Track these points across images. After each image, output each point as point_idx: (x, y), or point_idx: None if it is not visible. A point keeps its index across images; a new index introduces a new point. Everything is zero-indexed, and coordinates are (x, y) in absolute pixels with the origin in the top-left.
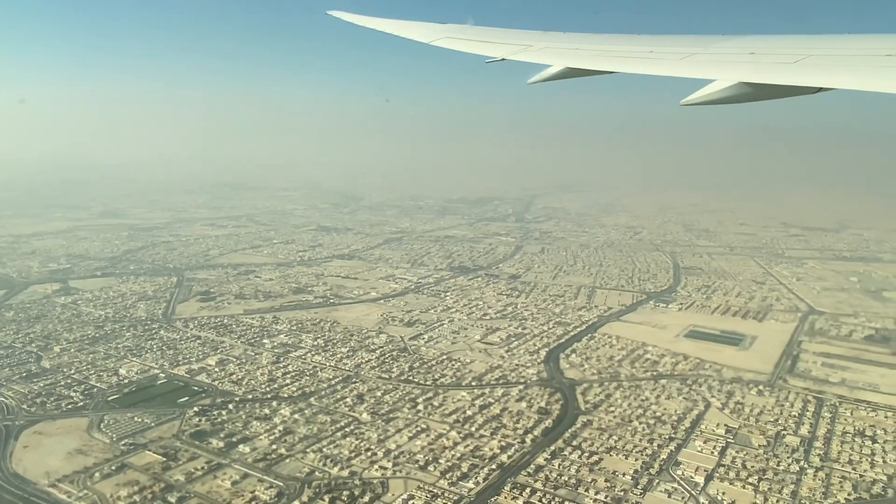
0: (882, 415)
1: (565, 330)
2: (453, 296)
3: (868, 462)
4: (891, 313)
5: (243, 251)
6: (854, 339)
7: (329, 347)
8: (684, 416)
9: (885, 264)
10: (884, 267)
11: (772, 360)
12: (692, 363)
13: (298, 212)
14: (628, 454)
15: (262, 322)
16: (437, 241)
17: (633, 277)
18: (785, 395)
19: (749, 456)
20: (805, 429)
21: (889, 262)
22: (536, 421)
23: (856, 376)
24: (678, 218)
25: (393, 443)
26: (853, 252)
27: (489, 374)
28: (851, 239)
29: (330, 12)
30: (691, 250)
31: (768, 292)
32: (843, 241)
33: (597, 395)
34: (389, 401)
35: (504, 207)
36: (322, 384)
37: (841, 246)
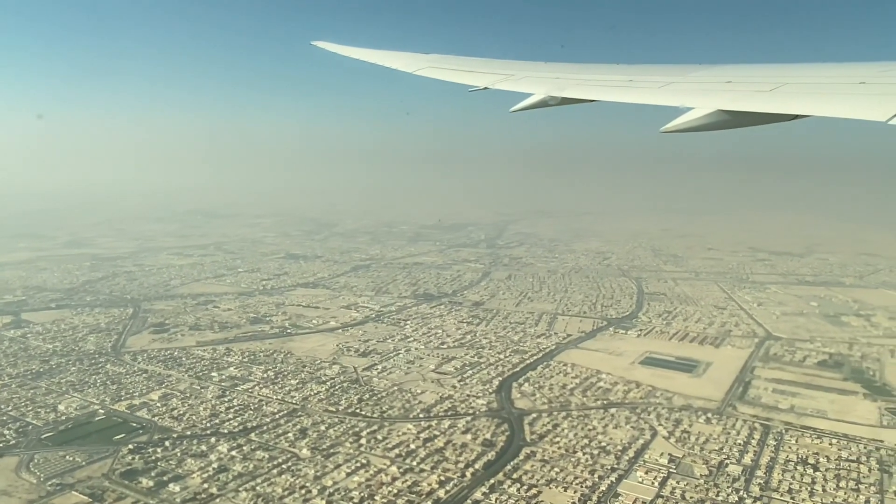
0: (826, 442)
1: (521, 358)
2: (413, 324)
3: (808, 491)
4: (846, 338)
5: (206, 281)
6: (807, 365)
7: (279, 380)
8: (629, 445)
9: (846, 288)
10: (845, 291)
11: (723, 386)
12: (644, 391)
13: (269, 239)
14: (568, 486)
15: (214, 354)
16: (405, 268)
17: (596, 303)
18: (732, 422)
19: (690, 486)
20: (749, 457)
21: (851, 286)
22: (480, 454)
23: (805, 402)
24: (648, 243)
25: (330, 479)
26: (816, 276)
27: (438, 406)
28: (816, 263)
29: (315, 43)
30: (657, 276)
31: (728, 318)
32: (808, 265)
33: (544, 425)
34: (333, 435)
35: (477, 233)
36: (266, 418)
37: (805, 270)
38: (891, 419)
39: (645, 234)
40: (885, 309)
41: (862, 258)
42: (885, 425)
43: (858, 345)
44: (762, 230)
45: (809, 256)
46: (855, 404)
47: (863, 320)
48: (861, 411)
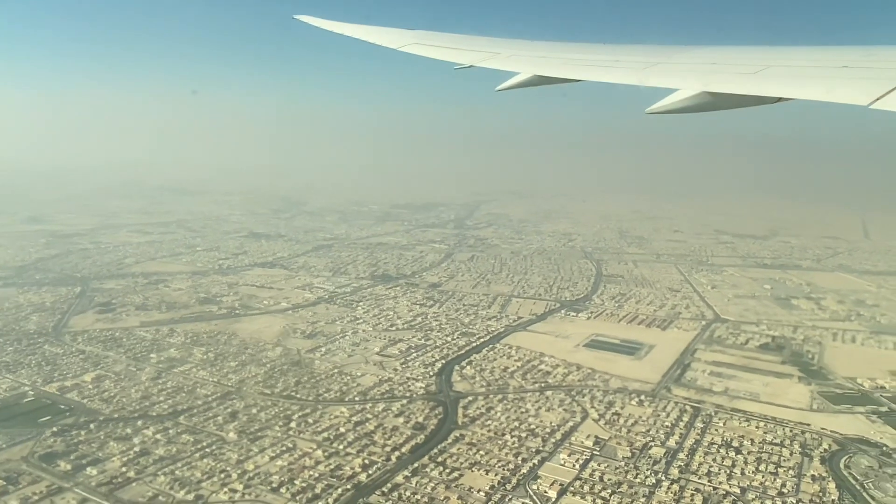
0: (754, 425)
1: (469, 341)
2: (365, 306)
3: (726, 474)
4: (793, 321)
5: (161, 259)
6: (748, 348)
7: (218, 362)
8: (558, 428)
9: (802, 271)
10: (801, 274)
11: (662, 369)
12: (584, 373)
13: (234, 217)
14: (490, 469)
15: (156, 335)
16: (367, 249)
17: (552, 286)
18: (664, 405)
19: (610, 468)
20: (674, 440)
21: (807, 269)
22: (409, 437)
23: (740, 385)
24: (616, 225)
25: (252, 463)
26: (775, 259)
27: (376, 389)
28: (778, 246)
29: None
30: (619, 258)
31: (680, 300)
32: (769, 248)
33: (478, 408)
34: (263, 418)
35: (447, 213)
36: (197, 401)
37: (765, 253)
38: (821, 403)
39: (615, 215)
40: (836, 292)
41: (824, 241)
42: (815, 409)
43: (803, 328)
44: (731, 213)
45: (772, 239)
46: (788, 388)
47: (812, 303)
48: (793, 395)
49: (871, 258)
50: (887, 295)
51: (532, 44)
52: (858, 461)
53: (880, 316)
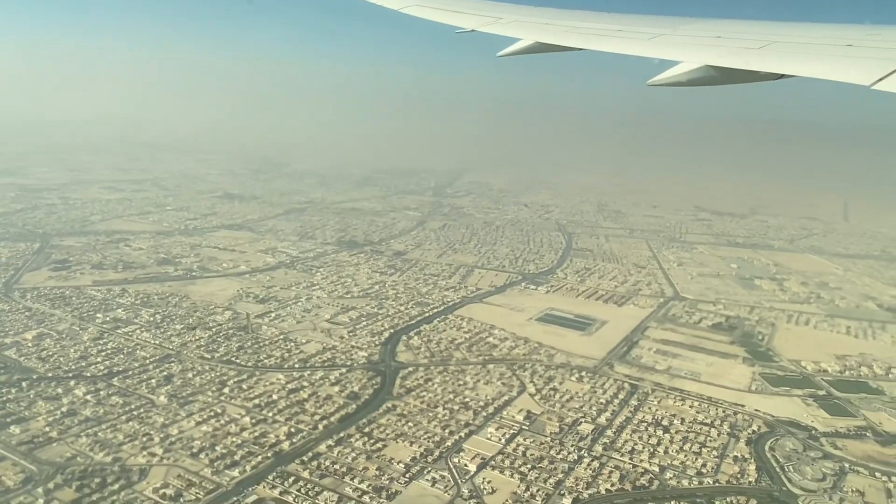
0: (688, 404)
1: (422, 311)
2: (325, 272)
3: (650, 452)
4: (752, 301)
5: (128, 217)
6: (700, 327)
7: (164, 324)
8: (493, 401)
9: (773, 251)
10: (771, 254)
11: (609, 346)
12: (530, 348)
13: (211, 177)
14: (415, 441)
15: (107, 295)
16: (340, 213)
17: (518, 258)
18: (603, 381)
19: (535, 444)
20: (605, 417)
21: (778, 249)
22: (340, 406)
23: (683, 364)
24: (597, 198)
25: (177, 428)
26: (748, 238)
27: (318, 356)
28: (754, 225)
29: None
30: (592, 231)
31: (643, 277)
32: (745, 227)
33: (417, 379)
34: (197, 383)
35: (428, 181)
36: (135, 363)
37: (740, 232)
38: (760, 385)
39: (598, 188)
40: (801, 274)
41: (802, 222)
42: (753, 390)
43: (760, 309)
44: (716, 190)
45: (750, 218)
46: (731, 368)
47: (775, 284)
48: (734, 375)
49: (845, 241)
50: (852, 278)
51: (535, 10)
52: (784, 444)
53: (840, 299)
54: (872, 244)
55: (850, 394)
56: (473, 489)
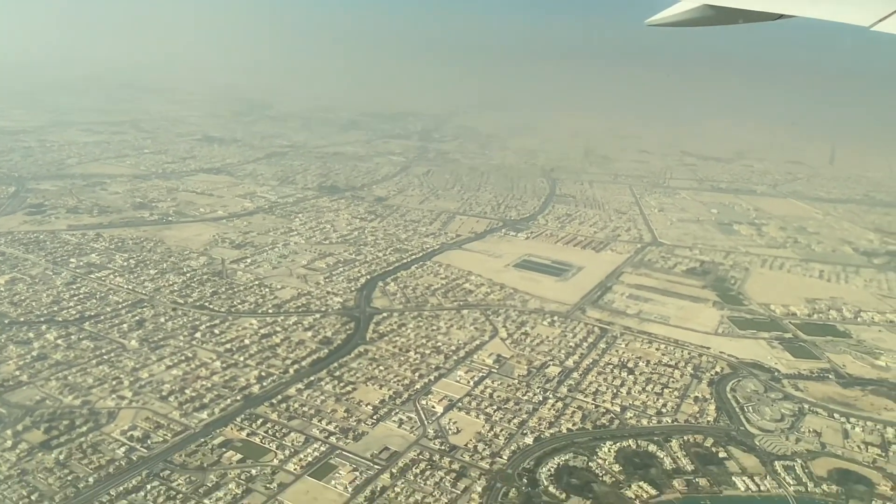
0: (655, 347)
1: (400, 257)
2: (304, 217)
3: (612, 393)
4: (729, 246)
5: (105, 160)
6: (674, 272)
7: (137, 269)
8: (464, 346)
9: (755, 196)
10: (753, 199)
11: (583, 291)
12: (505, 293)
13: (191, 119)
14: (384, 384)
15: (82, 239)
16: (322, 158)
17: (500, 204)
18: (574, 326)
19: (502, 386)
20: (573, 360)
21: (761, 194)
22: (312, 351)
23: (654, 308)
24: (585, 142)
25: (147, 372)
26: (732, 183)
27: (293, 302)
28: (739, 170)
29: None
30: (577, 177)
31: (624, 223)
32: (730, 171)
33: (390, 325)
34: (170, 328)
35: (415, 124)
36: (107, 308)
37: (725, 177)
38: (727, 327)
39: (587, 132)
40: (781, 219)
41: (787, 166)
42: (720, 333)
43: (736, 254)
44: (705, 134)
45: (736, 163)
46: (700, 312)
47: (754, 229)
48: (703, 319)
49: (828, 185)
50: (831, 223)
51: None
52: (745, 385)
53: (816, 244)
54: (855, 188)
55: (817, 337)
56: (439, 429)
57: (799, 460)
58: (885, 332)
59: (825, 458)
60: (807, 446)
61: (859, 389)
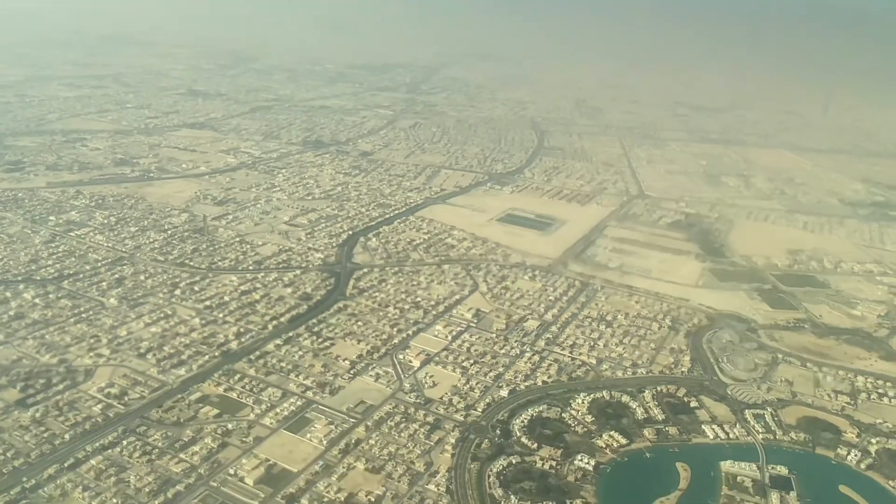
0: (634, 300)
1: (383, 212)
2: (287, 173)
3: (589, 346)
4: (715, 198)
5: (86, 116)
6: (659, 225)
7: (118, 226)
8: (444, 300)
9: (745, 147)
10: (742, 150)
11: (566, 245)
12: (488, 248)
13: (175, 72)
14: (363, 339)
15: (61, 197)
16: (308, 112)
17: (487, 158)
18: (555, 280)
19: (480, 340)
20: (552, 313)
21: (751, 145)
22: (292, 307)
23: (636, 261)
24: (576, 93)
25: (125, 329)
26: (723, 134)
27: (273, 258)
28: (731, 120)
29: None
30: (566, 129)
31: (611, 175)
32: (722, 121)
33: (371, 280)
34: (149, 285)
35: (404, 76)
36: (87, 266)
37: (716, 127)
38: (708, 279)
39: (579, 82)
40: (769, 170)
41: (780, 116)
42: (700, 285)
43: (722, 206)
44: (700, 83)
45: (729, 112)
46: (683, 264)
47: (741, 181)
48: (684, 271)
49: (820, 135)
50: (819, 174)
51: None
52: (721, 336)
53: (803, 195)
54: (847, 138)
55: (796, 287)
56: (415, 383)
57: (769, 409)
58: (864, 281)
59: (795, 407)
60: (778, 395)
61: (834, 339)
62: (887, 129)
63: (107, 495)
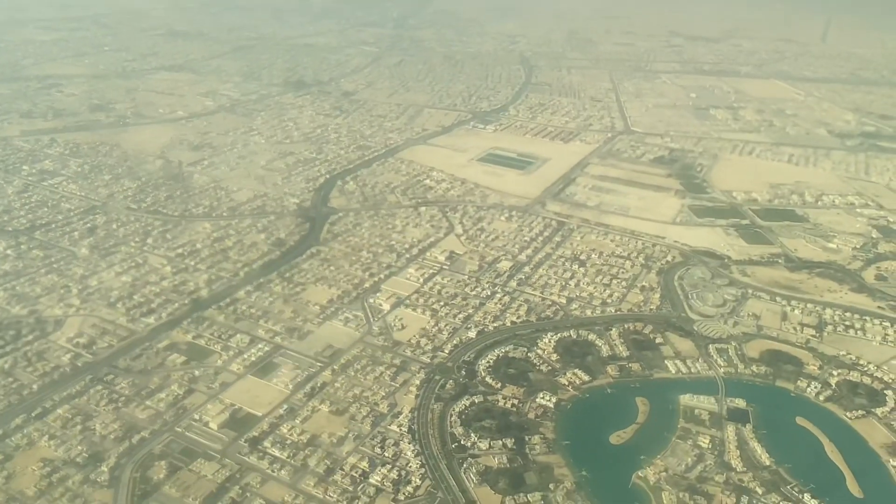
0: (609, 238)
1: (362, 155)
2: (266, 115)
3: (560, 286)
4: (701, 132)
5: (63, 60)
6: (642, 161)
7: (92, 175)
8: (418, 243)
9: (738, 78)
10: (735, 81)
11: (546, 184)
12: (466, 189)
13: (155, 12)
14: (334, 284)
15: (35, 145)
16: (291, 51)
17: (472, 95)
18: (531, 220)
19: (452, 282)
20: (526, 254)
21: (744, 75)
22: (265, 253)
23: (615, 199)
24: (569, 26)
25: (96, 279)
26: (717, 64)
27: (248, 204)
28: (726, 50)
29: None
30: (556, 63)
31: (598, 111)
32: (716, 51)
33: (346, 224)
34: (122, 234)
35: (392, 10)
36: (59, 216)
37: (710, 58)
38: (685, 216)
39: (572, 14)
40: (760, 101)
41: (777, 45)
42: (677, 222)
43: (708, 139)
44: (696, 12)
45: (724, 42)
46: (662, 201)
47: (730, 113)
48: (662, 209)
49: (816, 63)
50: (811, 104)
51: None
52: (693, 273)
53: (792, 127)
54: (843, 66)
55: (774, 222)
56: (384, 326)
57: (733, 343)
58: (844, 214)
59: (760, 341)
60: (743, 329)
61: (806, 273)
62: (886, 56)
63: (72, 443)
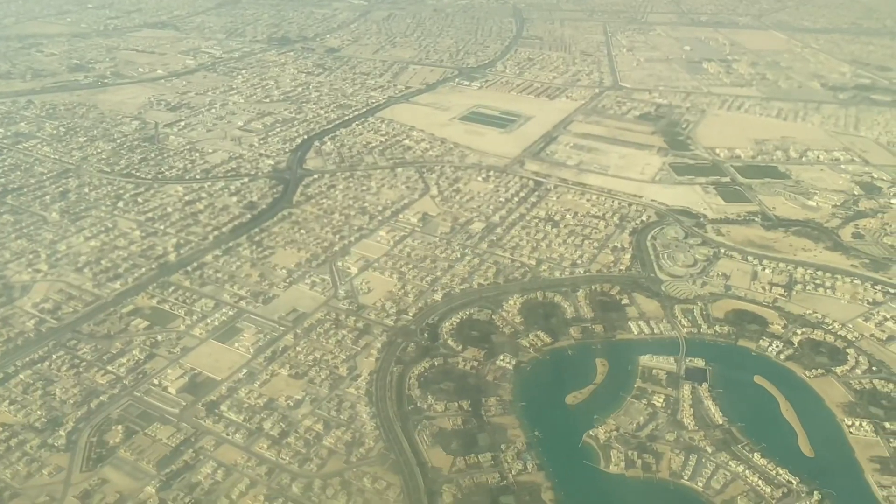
0: (586, 198)
1: (342, 114)
2: (248, 74)
3: (531, 247)
4: (690, 87)
5: (45, 19)
6: (626, 119)
7: (67, 137)
8: (392, 205)
9: (736, 29)
10: (732, 32)
11: (526, 143)
12: (445, 149)
13: None
14: (303, 248)
15: (11, 108)
16: (277, 5)
17: (460, 51)
18: (508, 180)
19: (422, 244)
20: (499, 215)
21: (743, 26)
22: (235, 216)
23: (595, 158)
24: None
25: (65, 244)
26: (714, 15)
27: (223, 166)
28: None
29: None
30: (549, 16)
31: (587, 66)
32: (716, 1)
33: (320, 186)
34: (93, 198)
35: None
36: (31, 180)
37: (708, 8)
38: (665, 174)
39: None
40: (756, 53)
41: None
42: (656, 181)
43: (696, 94)
44: None
45: None
46: (643, 160)
47: (723, 67)
48: (642, 167)
49: (817, 13)
50: (807, 56)
51: None
52: (667, 233)
53: (784, 80)
54: (845, 16)
55: (755, 179)
56: (350, 290)
57: (700, 303)
58: (827, 170)
59: (726, 300)
60: (711, 289)
61: (782, 231)
62: (889, 4)
63: (32, 408)
